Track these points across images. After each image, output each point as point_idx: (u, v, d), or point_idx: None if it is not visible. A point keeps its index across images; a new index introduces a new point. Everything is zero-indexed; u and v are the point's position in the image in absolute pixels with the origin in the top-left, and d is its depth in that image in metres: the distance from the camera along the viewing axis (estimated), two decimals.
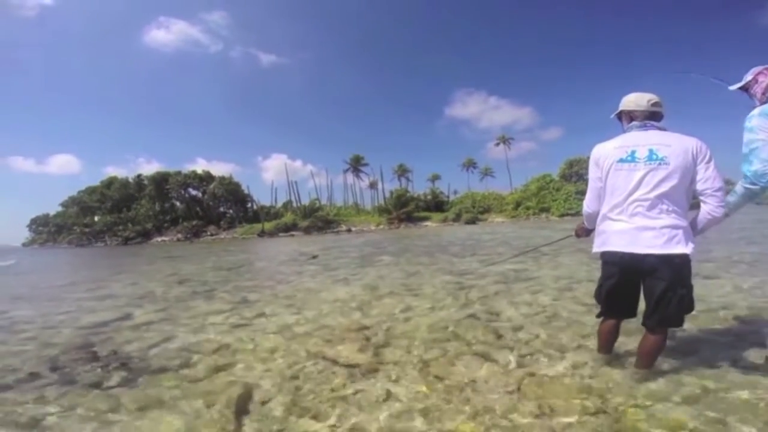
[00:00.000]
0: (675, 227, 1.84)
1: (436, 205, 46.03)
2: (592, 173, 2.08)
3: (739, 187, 1.97)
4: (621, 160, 1.94)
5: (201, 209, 49.84)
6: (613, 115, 2.14)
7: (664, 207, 1.86)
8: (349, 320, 3.58)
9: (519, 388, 2.01)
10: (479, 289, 4.64)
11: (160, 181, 51.09)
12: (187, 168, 57.13)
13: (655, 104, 1.98)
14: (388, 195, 47.05)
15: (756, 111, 1.91)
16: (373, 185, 62.67)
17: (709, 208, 1.88)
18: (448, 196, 52.19)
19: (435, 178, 66.79)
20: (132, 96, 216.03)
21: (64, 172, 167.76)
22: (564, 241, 2.59)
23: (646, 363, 2.05)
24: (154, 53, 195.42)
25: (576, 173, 44.28)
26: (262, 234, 36.26)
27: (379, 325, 3.36)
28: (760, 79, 2.02)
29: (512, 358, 2.44)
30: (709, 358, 2.25)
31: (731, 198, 2.01)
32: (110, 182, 56.12)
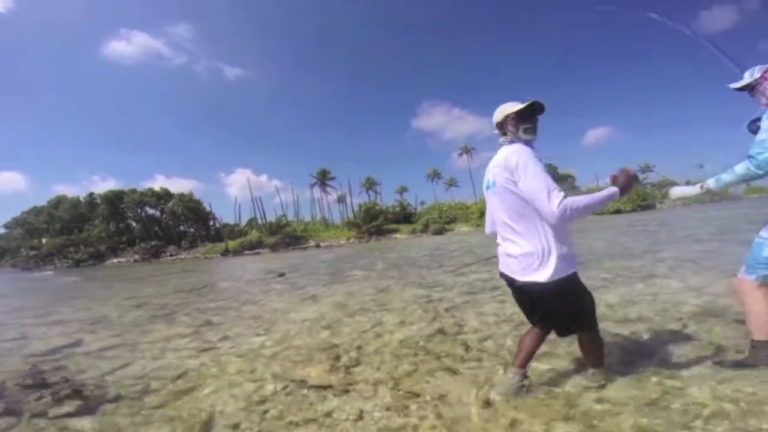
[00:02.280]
0: (529, 254, 1.78)
1: (405, 217, 46.43)
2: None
3: (741, 168, 1.93)
4: (485, 187, 2.01)
5: (159, 229, 47.56)
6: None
7: (516, 230, 1.82)
8: (319, 340, 3.51)
9: (488, 401, 2.03)
10: (447, 300, 4.69)
11: (114, 199, 48.40)
12: (146, 185, 54.71)
13: (507, 116, 1.89)
14: (356, 208, 46.99)
15: None
16: (341, 199, 62.45)
17: (543, 216, 1.72)
18: (415, 208, 52.80)
19: (403, 190, 67.44)
20: (87, 110, 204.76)
21: (8, 190, 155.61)
22: None
23: (588, 360, 2.08)
24: (113, 65, 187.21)
25: None
26: (225, 253, 35.01)
27: (349, 343, 3.31)
28: None
29: (481, 369, 2.47)
30: (667, 358, 2.36)
31: (726, 177, 1.99)
32: (59, 202, 52.59)
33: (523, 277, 1.84)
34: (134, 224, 49.85)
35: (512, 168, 1.75)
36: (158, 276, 15.36)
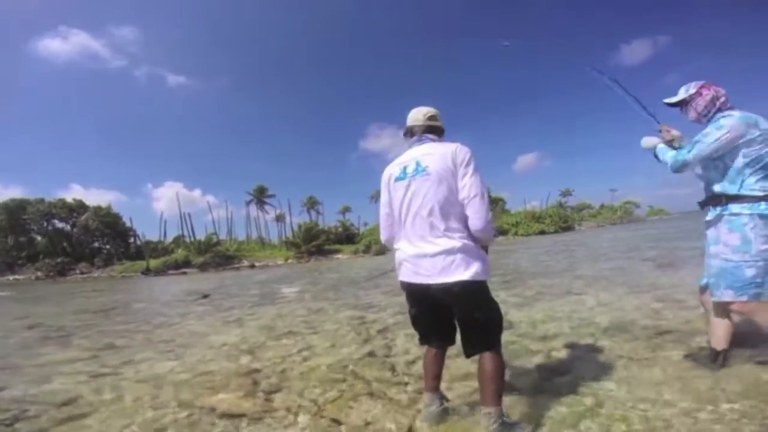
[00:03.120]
0: (450, 251, 1.66)
1: (347, 237, 45.98)
2: (382, 197, 1.95)
3: (669, 157, 2.12)
4: (396, 179, 1.84)
5: (69, 244, 42.38)
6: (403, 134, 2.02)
7: (437, 225, 1.69)
8: (237, 365, 3.22)
9: (411, 428, 1.95)
10: (380, 322, 4.59)
11: (15, 209, 42.42)
12: (59, 195, 48.81)
13: (431, 117, 1.91)
14: (296, 228, 45.69)
15: (735, 114, 1.99)
16: (279, 218, 60.47)
17: (470, 221, 1.69)
18: (358, 228, 52.65)
19: (346, 210, 67.21)
20: None
21: None
22: None
23: (489, 393, 1.70)
24: (40, 62, 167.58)
25: None
26: (147, 272, 31.94)
27: (271, 368, 3.07)
28: (704, 92, 2.10)
29: (406, 394, 2.39)
30: (582, 374, 2.42)
31: (662, 154, 2.17)
32: None
33: (441, 278, 1.67)
34: (39, 238, 44.00)
35: (460, 161, 1.69)
36: (62, 295, 13.61)
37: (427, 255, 1.70)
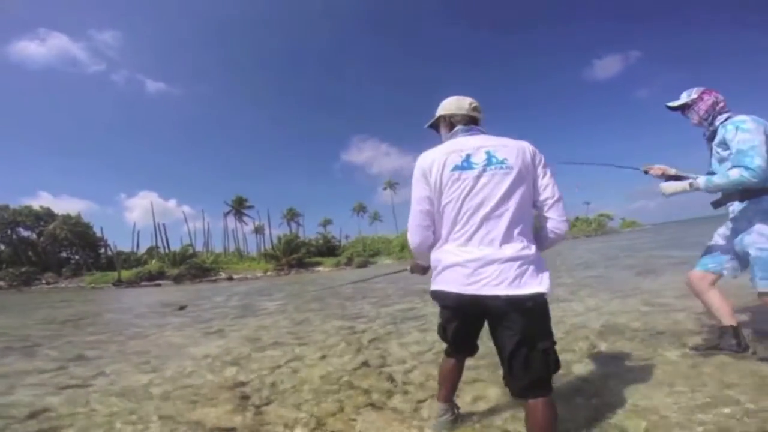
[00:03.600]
0: (525, 258, 1.40)
1: (329, 249, 45.60)
2: (419, 190, 1.54)
3: (735, 175, 1.97)
4: (455, 168, 1.46)
5: (34, 253, 40.39)
6: (427, 125, 1.79)
7: (513, 229, 1.43)
8: (222, 377, 3.01)
9: None
10: (371, 332, 4.44)
11: None
12: (24, 203, 46.66)
13: (475, 108, 1.68)
14: (275, 240, 44.96)
15: (748, 117, 2.05)
16: (258, 230, 59.42)
17: (552, 223, 1.54)
18: (339, 241, 52.29)
19: (327, 222, 66.81)
20: None
21: None
22: None
23: None
24: (14, 67, 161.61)
25: None
26: (118, 283, 30.64)
27: (260, 380, 2.88)
28: (705, 97, 2.20)
29: (408, 403, 2.26)
30: (586, 377, 2.38)
31: (719, 180, 2.04)
32: None
33: (511, 290, 1.36)
34: (2, 247, 41.82)
35: (538, 161, 1.52)
36: (27, 305, 12.88)
37: (495, 261, 1.38)
